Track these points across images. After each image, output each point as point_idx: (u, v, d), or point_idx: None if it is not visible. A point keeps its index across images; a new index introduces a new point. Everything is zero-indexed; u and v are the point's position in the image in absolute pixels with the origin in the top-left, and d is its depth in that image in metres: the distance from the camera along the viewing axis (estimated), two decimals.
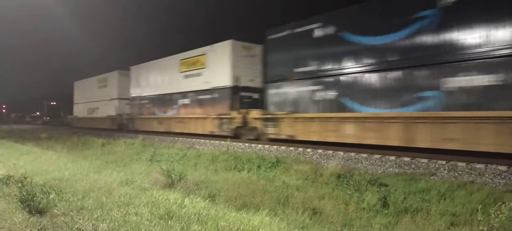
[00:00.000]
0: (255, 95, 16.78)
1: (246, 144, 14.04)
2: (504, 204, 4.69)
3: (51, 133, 24.34)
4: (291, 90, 13.32)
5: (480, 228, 4.63)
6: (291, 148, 12.20)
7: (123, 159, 12.47)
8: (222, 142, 14.62)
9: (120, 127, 26.16)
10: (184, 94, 19.36)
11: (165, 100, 21.05)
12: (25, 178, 5.88)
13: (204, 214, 4.66)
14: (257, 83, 16.78)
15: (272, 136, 13.69)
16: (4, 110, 70.52)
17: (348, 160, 10.12)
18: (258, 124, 14.45)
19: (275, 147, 12.80)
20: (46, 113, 66.04)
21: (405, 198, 6.32)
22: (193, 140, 16.76)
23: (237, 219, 4.56)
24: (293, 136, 12.79)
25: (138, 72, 24.39)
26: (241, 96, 16.30)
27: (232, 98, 16.02)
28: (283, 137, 13.18)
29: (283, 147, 12.53)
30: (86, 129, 29.55)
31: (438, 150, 9.21)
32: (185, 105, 19.30)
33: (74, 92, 37.27)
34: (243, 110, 15.20)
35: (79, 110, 35.55)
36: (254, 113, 14.71)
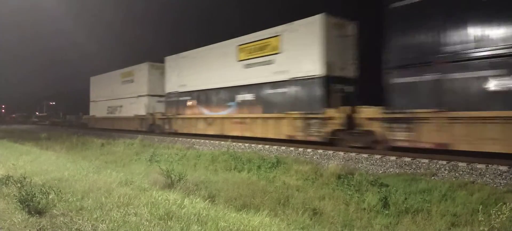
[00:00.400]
0: (349, 88, 13.14)
1: (246, 144, 13.98)
2: (505, 205, 4.69)
3: (50, 133, 24.31)
4: (436, 78, 9.29)
5: (481, 228, 4.62)
6: (291, 148, 12.19)
7: (122, 159, 12.45)
8: (222, 142, 14.59)
9: (151, 128, 21.99)
10: (244, 88, 15.40)
11: (216, 96, 17.08)
12: (25, 178, 5.86)
13: (204, 214, 4.64)
14: (349, 72, 13.24)
15: (402, 144, 9.86)
16: (3, 111, 70.33)
17: (348, 160, 10.10)
18: (375, 127, 10.66)
19: (275, 147, 12.78)
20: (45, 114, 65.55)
21: (406, 199, 6.31)
22: (193, 140, 16.72)
23: (237, 220, 4.54)
24: (446, 144, 8.99)
25: (176, 63, 20.11)
26: (334, 89, 12.59)
27: (326, 92, 12.34)
28: (424, 145, 9.40)
29: (283, 147, 12.51)
30: (106, 131, 25.75)
31: (438, 150, 9.17)
32: (246, 102, 15.32)
33: (90, 89, 32.50)
34: (346, 108, 11.46)
35: (97, 109, 30.65)
36: (369, 111, 10.86)
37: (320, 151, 11.35)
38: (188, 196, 5.83)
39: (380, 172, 8.95)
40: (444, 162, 8.58)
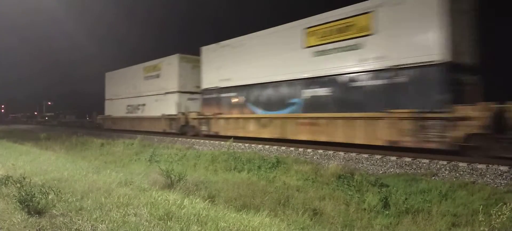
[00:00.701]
0: (472, 78, 10.23)
1: (246, 144, 13.92)
2: (505, 205, 4.68)
3: (50, 133, 24.29)
4: None
5: (481, 228, 4.61)
6: (292, 148, 12.17)
7: (122, 159, 12.45)
8: (222, 142, 14.55)
9: (183, 130, 18.97)
10: (315, 82, 12.38)
11: (274, 92, 14.04)
12: (24, 178, 5.83)
13: (203, 215, 4.63)
14: (470, 57, 10.27)
15: None
16: (2, 110, 70.23)
17: (349, 160, 10.09)
18: None
19: (275, 147, 12.76)
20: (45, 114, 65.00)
21: (406, 199, 6.30)
22: (192, 140, 16.69)
23: (237, 220, 4.53)
24: None
25: (216, 54, 17.01)
26: (459, 80, 9.72)
27: (450, 83, 9.37)
28: None
29: (283, 147, 12.49)
30: (127, 132, 22.76)
31: (440, 151, 9.14)
32: (318, 98, 12.29)
33: (105, 86, 29.13)
34: (490, 105, 8.50)
35: (114, 108, 27.37)
36: None
37: (320, 151, 11.33)
38: (188, 196, 5.82)
39: (381, 172, 8.94)
40: (445, 162, 8.56)
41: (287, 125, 13.28)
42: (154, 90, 22.00)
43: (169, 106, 20.28)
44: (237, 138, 14.79)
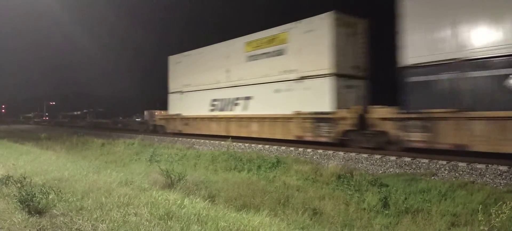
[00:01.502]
0: None
1: (246, 144, 13.92)
2: (505, 204, 4.68)
3: (50, 133, 24.30)
4: None
5: (481, 228, 4.62)
6: (291, 148, 12.17)
7: (122, 159, 12.47)
8: (222, 142, 14.56)
9: (351, 137, 11.42)
10: None
11: None
12: (25, 178, 5.85)
13: (204, 214, 4.64)
14: None
15: None
16: (3, 111, 70.29)
17: (348, 160, 10.10)
18: None
19: (275, 147, 12.76)
20: (45, 114, 64.83)
21: (405, 199, 6.32)
22: (193, 140, 16.67)
23: (237, 220, 4.54)
24: None
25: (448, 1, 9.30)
26: None
27: None
28: None
29: (283, 147, 12.49)
30: (216, 139, 15.95)
31: (440, 150, 9.16)
32: None
33: (169, 75, 21.20)
34: None
35: (186, 104, 19.50)
36: None
37: (320, 151, 11.34)
38: (188, 196, 5.83)
39: (380, 172, 8.95)
40: (444, 162, 8.58)
41: None
42: (271, 75, 14.28)
43: (309, 99, 12.85)
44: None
